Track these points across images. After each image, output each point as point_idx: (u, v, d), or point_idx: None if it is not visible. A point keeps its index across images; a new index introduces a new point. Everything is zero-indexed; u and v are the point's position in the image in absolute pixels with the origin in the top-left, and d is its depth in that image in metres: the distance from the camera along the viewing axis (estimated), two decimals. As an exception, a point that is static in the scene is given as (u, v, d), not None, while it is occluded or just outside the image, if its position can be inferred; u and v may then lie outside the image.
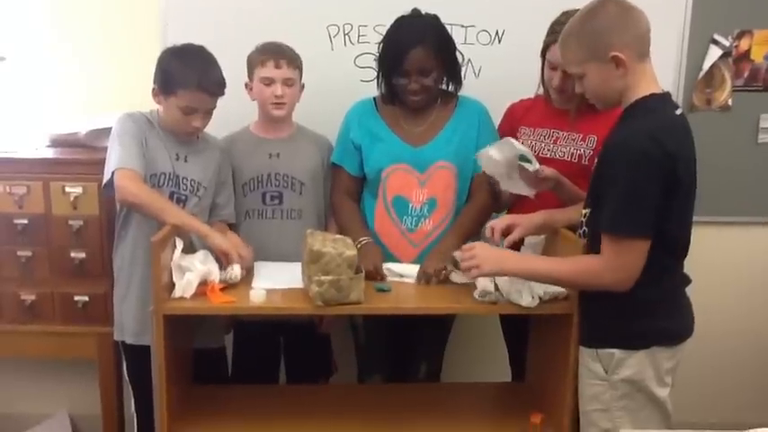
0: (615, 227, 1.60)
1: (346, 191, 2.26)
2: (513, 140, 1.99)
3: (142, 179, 1.99)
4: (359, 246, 2.03)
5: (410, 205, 2.16)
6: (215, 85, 2.04)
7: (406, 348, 2.35)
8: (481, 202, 2.20)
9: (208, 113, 2.08)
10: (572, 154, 2.13)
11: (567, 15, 2.05)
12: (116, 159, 1.97)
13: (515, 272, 1.79)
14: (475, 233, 2.15)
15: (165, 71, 2.04)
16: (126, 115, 2.08)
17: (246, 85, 2.27)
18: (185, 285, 1.85)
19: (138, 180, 1.96)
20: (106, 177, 2.00)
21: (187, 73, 2.00)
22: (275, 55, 2.19)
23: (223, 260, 1.96)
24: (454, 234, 2.12)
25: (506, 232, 1.93)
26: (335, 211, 2.30)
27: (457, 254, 1.87)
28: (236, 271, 1.95)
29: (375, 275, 1.99)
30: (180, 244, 1.92)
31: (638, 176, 1.56)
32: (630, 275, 1.61)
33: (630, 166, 1.57)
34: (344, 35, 2.59)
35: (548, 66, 2.12)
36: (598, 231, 1.66)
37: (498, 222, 1.95)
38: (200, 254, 1.96)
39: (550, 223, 1.97)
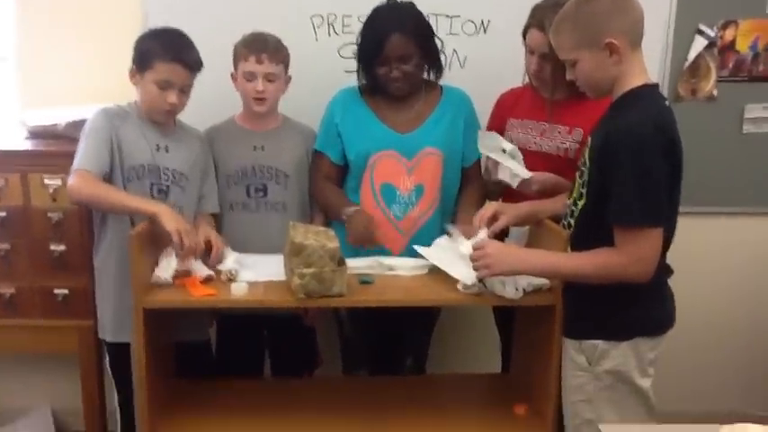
0: (633, 218, 1.57)
1: (327, 176, 2.25)
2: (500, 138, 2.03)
3: (98, 178, 1.99)
4: (348, 215, 2.07)
5: (398, 193, 2.15)
6: (191, 59, 2.05)
7: (391, 341, 2.34)
8: (479, 191, 2.23)
9: (184, 91, 2.07)
10: (558, 147, 2.12)
11: (547, 0, 2.05)
12: (76, 161, 2.00)
13: (533, 272, 1.78)
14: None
15: (142, 48, 2.05)
16: (99, 111, 2.08)
17: (232, 75, 2.25)
18: (165, 266, 1.86)
19: (89, 179, 1.96)
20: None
21: (164, 46, 2.02)
22: (257, 49, 2.17)
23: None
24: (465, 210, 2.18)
25: (492, 221, 1.92)
26: (317, 194, 2.28)
27: (453, 230, 1.83)
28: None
29: (369, 240, 2.01)
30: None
31: (650, 165, 1.55)
32: (652, 265, 1.59)
33: (640, 155, 1.54)
34: (329, 25, 2.56)
35: (527, 50, 2.11)
36: (595, 225, 1.64)
37: (484, 211, 1.93)
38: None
39: (536, 213, 1.96)
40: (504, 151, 2.05)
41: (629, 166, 1.55)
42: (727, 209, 2.82)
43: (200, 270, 1.93)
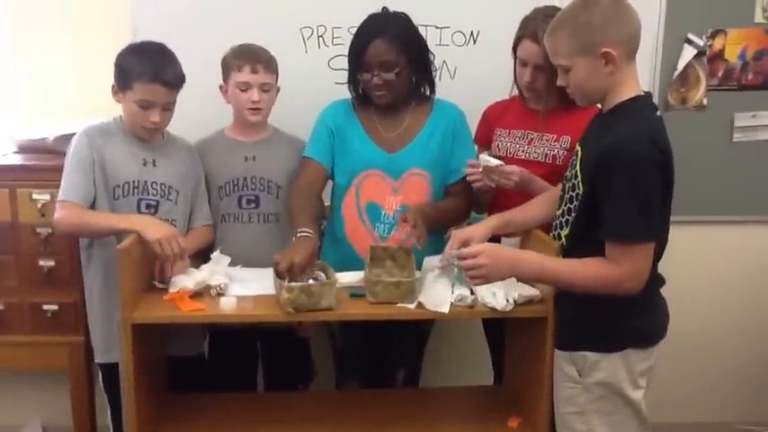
0: (629, 233, 1.56)
1: (308, 182, 2.15)
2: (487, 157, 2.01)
3: (81, 207, 2.01)
4: (296, 237, 1.95)
5: (383, 213, 2.14)
6: (171, 78, 2.03)
7: (383, 354, 2.32)
8: (459, 203, 2.19)
9: (166, 108, 2.06)
10: (546, 155, 2.12)
11: (537, 12, 2.07)
12: (60, 191, 2.02)
13: (529, 276, 1.76)
14: (441, 222, 2.12)
15: (121, 66, 2.04)
16: (80, 134, 2.08)
17: (221, 87, 2.25)
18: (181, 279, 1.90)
19: (74, 210, 1.99)
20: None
21: (143, 65, 2.00)
22: (252, 60, 2.17)
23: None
24: (429, 206, 2.10)
25: (465, 245, 1.85)
26: (289, 201, 2.18)
27: (453, 252, 1.79)
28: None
29: (286, 272, 1.82)
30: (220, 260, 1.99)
31: (645, 181, 1.54)
32: (644, 279, 1.59)
33: (635, 170, 1.54)
34: (318, 37, 2.57)
35: (519, 62, 2.11)
36: (587, 237, 1.63)
37: (450, 245, 1.86)
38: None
39: (505, 225, 1.94)
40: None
41: (625, 182, 1.54)
42: (719, 217, 2.82)
43: (188, 283, 1.91)
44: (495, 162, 2.01)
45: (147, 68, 1.99)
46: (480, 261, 1.68)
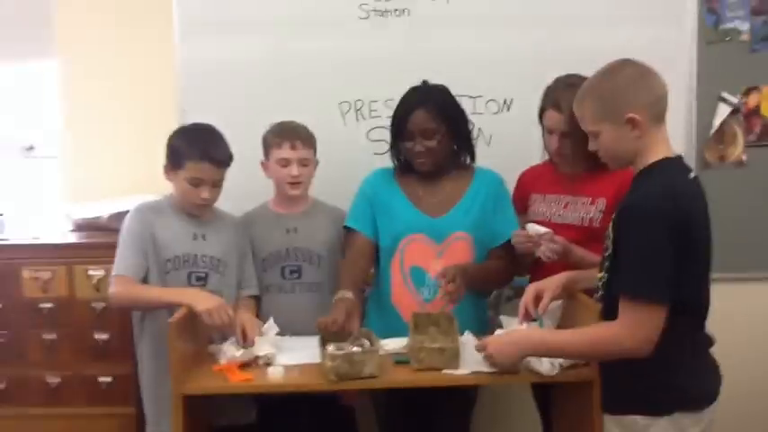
0: (632, 290, 1.57)
1: (360, 251, 2.22)
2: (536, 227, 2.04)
3: (135, 282, 2.08)
4: (335, 300, 2.03)
5: (427, 276, 2.16)
6: (220, 157, 2.13)
7: (428, 424, 2.30)
8: (502, 264, 2.20)
9: (216, 185, 2.15)
10: (582, 218, 2.13)
11: (558, 81, 2.11)
12: (114, 267, 2.10)
13: (542, 355, 1.79)
14: (483, 282, 2.17)
15: (172, 146, 2.14)
16: (133, 211, 2.17)
17: (262, 164, 2.33)
18: (227, 349, 1.96)
19: (127, 285, 2.07)
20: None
21: (193, 145, 2.10)
22: (290, 137, 2.27)
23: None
24: (472, 266, 2.14)
25: (536, 301, 1.92)
26: (339, 270, 2.26)
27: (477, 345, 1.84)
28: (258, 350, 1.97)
29: (326, 331, 1.92)
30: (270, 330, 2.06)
31: (652, 238, 1.55)
32: (649, 340, 1.57)
33: (643, 227, 1.55)
34: (356, 111, 2.67)
35: (545, 130, 2.16)
36: (615, 297, 1.64)
37: (526, 296, 1.93)
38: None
39: (573, 283, 1.96)
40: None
41: (633, 240, 1.56)
42: (764, 274, 2.77)
43: (237, 354, 1.95)
44: (543, 230, 2.02)
45: (198, 148, 2.09)
46: (487, 351, 1.77)
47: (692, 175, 1.69)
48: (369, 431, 2.47)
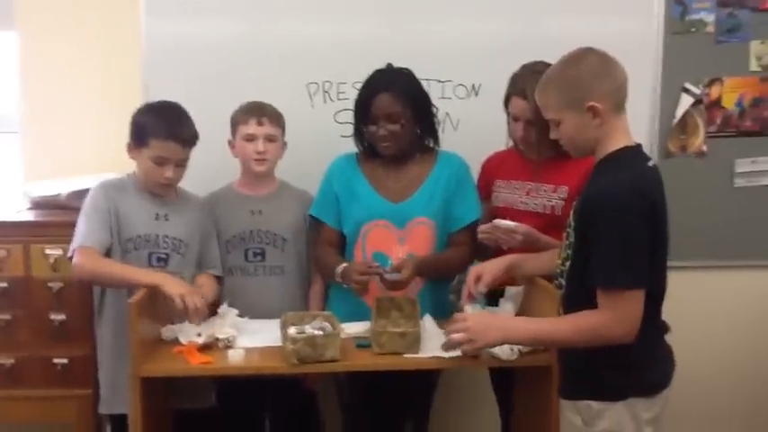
0: (614, 281, 1.58)
1: (327, 241, 2.26)
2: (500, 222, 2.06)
3: (100, 254, 2.04)
4: (339, 273, 2.09)
5: (390, 262, 2.16)
6: (185, 135, 2.09)
7: (391, 406, 2.31)
8: (462, 251, 2.21)
9: (180, 165, 2.12)
10: (544, 206, 2.15)
11: (525, 68, 2.12)
12: (77, 237, 2.05)
13: (518, 343, 1.78)
14: (441, 272, 2.19)
15: (137, 124, 2.10)
16: (97, 186, 2.13)
17: (230, 142, 2.31)
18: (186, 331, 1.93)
19: (94, 256, 2.02)
20: (69, 254, 2.06)
21: (158, 124, 2.06)
22: (257, 113, 2.25)
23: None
24: (431, 257, 2.16)
25: (477, 279, 1.95)
26: (314, 260, 2.31)
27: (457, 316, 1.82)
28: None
29: (366, 275, 2.02)
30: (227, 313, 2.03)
31: (628, 228, 1.56)
32: (634, 327, 1.59)
33: (617, 218, 1.56)
34: (324, 92, 2.64)
35: (511, 117, 2.17)
36: (582, 286, 1.65)
37: (468, 278, 1.95)
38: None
39: (515, 267, 1.97)
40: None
41: (609, 230, 1.57)
42: (722, 262, 2.83)
43: (196, 333, 1.94)
44: (513, 224, 2.04)
45: (163, 126, 2.06)
46: (467, 325, 1.70)
47: (651, 163, 1.71)
48: (331, 416, 2.49)
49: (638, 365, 1.66)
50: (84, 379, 2.32)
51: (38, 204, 2.48)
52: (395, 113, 2.11)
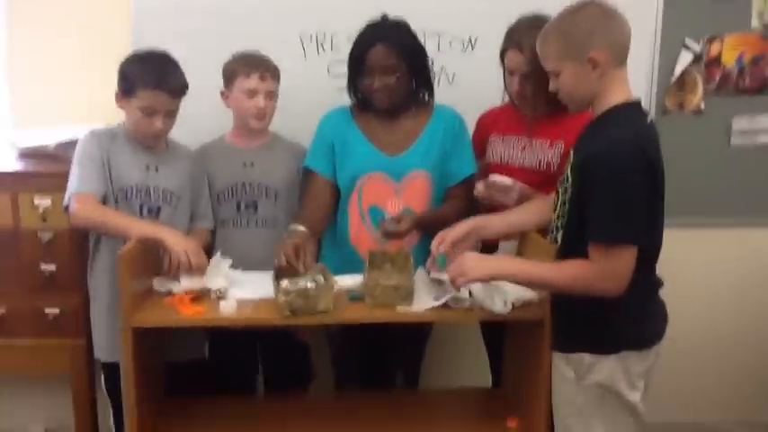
0: (606, 235, 1.58)
1: (315, 195, 2.20)
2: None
3: (98, 201, 2.01)
4: (284, 236, 2.03)
5: (385, 214, 2.15)
6: (174, 85, 2.05)
7: (382, 356, 2.34)
8: (459, 205, 2.19)
9: (169, 115, 2.08)
10: (540, 161, 2.14)
11: (521, 21, 2.08)
12: (72, 184, 2.01)
13: (507, 278, 1.77)
14: (438, 227, 2.10)
15: (125, 73, 2.06)
16: (89, 134, 2.09)
17: (222, 93, 2.26)
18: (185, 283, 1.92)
19: (91, 203, 1.99)
20: (65, 202, 2.03)
21: (146, 73, 2.02)
22: (260, 67, 2.20)
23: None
24: (428, 213, 2.15)
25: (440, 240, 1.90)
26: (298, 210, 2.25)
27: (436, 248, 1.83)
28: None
29: (285, 265, 1.91)
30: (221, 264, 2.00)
31: (628, 184, 1.56)
32: (624, 281, 1.60)
33: (617, 175, 1.56)
34: (318, 44, 2.59)
35: (506, 71, 2.14)
36: (580, 241, 1.64)
37: (433, 244, 1.90)
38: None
39: (479, 229, 1.92)
40: None
41: (608, 186, 1.57)
42: (717, 219, 2.84)
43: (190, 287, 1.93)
44: (508, 181, 2.03)
45: (152, 76, 2.01)
46: (463, 260, 1.72)
47: (649, 119, 1.70)
48: (323, 368, 2.50)
49: (631, 319, 1.68)
50: (76, 329, 2.32)
51: (25, 154, 2.44)
52: (389, 66, 2.08)
